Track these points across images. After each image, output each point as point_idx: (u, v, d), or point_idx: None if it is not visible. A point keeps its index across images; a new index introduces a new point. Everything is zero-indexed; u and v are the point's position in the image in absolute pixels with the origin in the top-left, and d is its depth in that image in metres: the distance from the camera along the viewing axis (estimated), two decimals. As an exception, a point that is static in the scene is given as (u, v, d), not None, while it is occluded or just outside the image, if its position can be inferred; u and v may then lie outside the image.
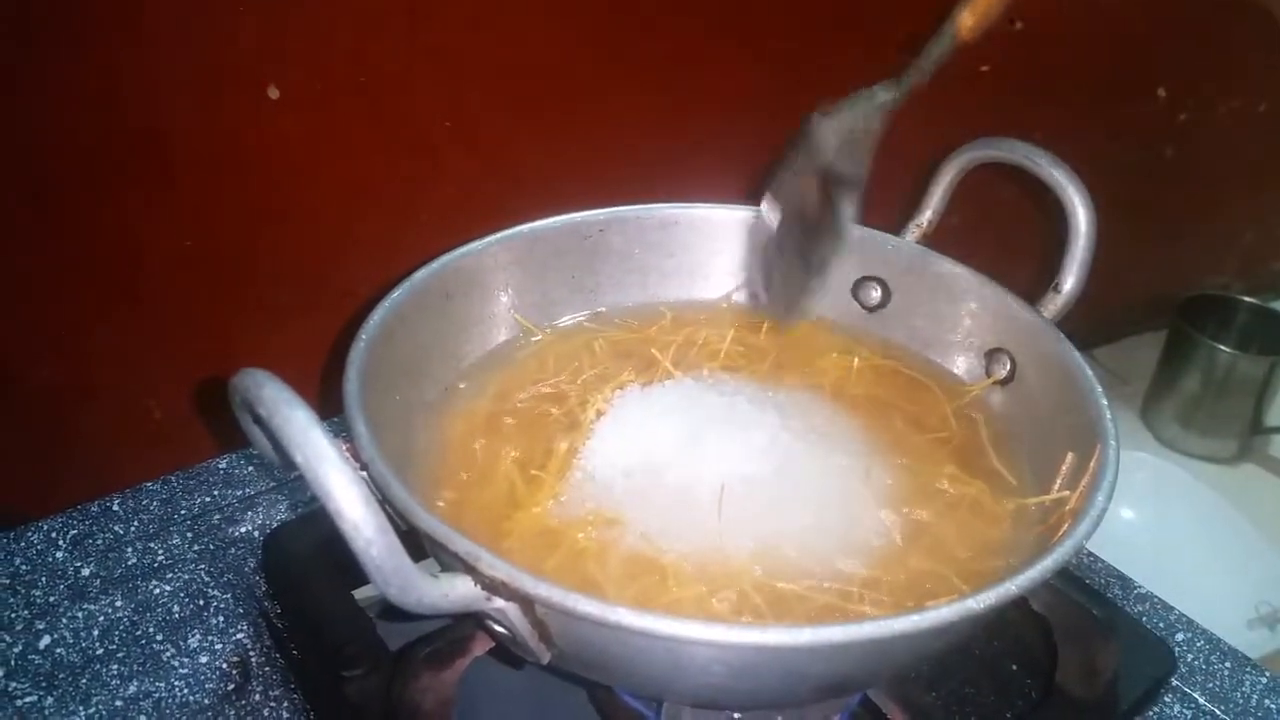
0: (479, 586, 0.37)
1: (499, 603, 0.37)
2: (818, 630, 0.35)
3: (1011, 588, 0.37)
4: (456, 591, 0.36)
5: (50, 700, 0.52)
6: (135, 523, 0.63)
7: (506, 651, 0.41)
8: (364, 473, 0.41)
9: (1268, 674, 0.57)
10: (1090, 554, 0.65)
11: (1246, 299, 1.15)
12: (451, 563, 0.38)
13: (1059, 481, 0.49)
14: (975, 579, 0.47)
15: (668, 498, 0.47)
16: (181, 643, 0.55)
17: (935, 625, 0.36)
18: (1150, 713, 0.55)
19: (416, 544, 0.39)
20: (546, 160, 0.76)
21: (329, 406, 0.44)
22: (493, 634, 0.40)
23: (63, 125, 0.59)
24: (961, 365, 0.59)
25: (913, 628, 0.36)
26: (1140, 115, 1.07)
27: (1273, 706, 0.55)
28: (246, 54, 0.62)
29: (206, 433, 0.71)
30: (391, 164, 0.71)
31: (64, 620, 0.56)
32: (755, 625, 0.35)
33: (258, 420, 0.34)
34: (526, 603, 0.37)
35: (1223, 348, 1.08)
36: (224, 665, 0.54)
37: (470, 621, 0.44)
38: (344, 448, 0.42)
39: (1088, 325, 1.19)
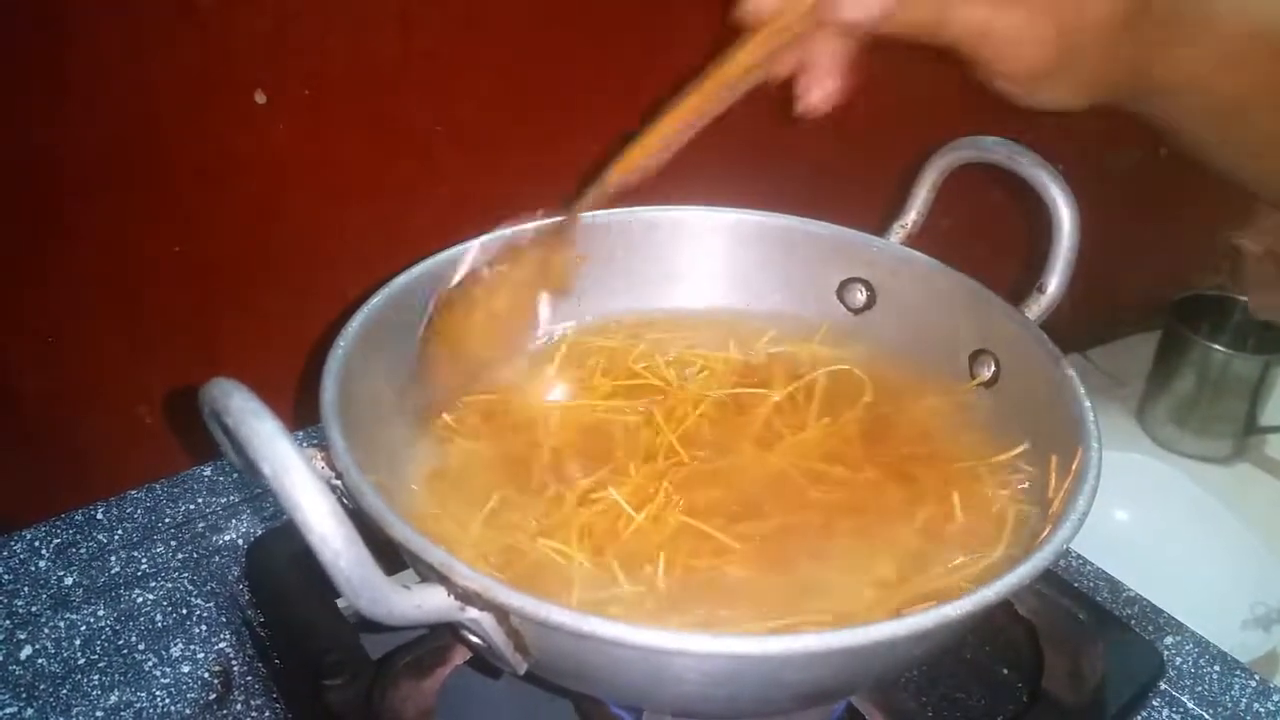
0: (452, 597, 0.36)
1: (473, 613, 0.37)
2: (791, 639, 0.34)
3: (989, 594, 0.37)
4: (429, 602, 0.36)
5: (30, 711, 0.51)
6: (119, 531, 0.63)
7: (484, 661, 0.41)
8: (338, 482, 0.41)
9: (1256, 678, 0.56)
10: (1079, 557, 0.64)
11: (1241, 298, 1.15)
12: (426, 573, 0.38)
13: (1051, 484, 0.49)
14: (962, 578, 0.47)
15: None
16: (164, 652, 0.55)
17: (912, 633, 0.36)
18: (1138, 717, 0.54)
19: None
20: (540, 163, 0.75)
21: (313, 412, 0.44)
22: (468, 644, 0.40)
23: (53, 133, 0.59)
24: (946, 367, 0.59)
25: (889, 635, 0.35)
26: (1134, 113, 1.07)
27: (1262, 710, 0.55)
28: (234, 58, 0.62)
29: (199, 438, 0.70)
30: (383, 167, 0.71)
31: (46, 630, 0.56)
32: (728, 635, 0.35)
33: (225, 430, 0.34)
34: (501, 613, 0.37)
35: (1217, 347, 1.07)
36: (206, 674, 0.54)
37: (447, 631, 0.43)
38: (319, 457, 0.42)
39: (1082, 326, 1.20)
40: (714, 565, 0.45)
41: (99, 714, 0.52)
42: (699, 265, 0.63)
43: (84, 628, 0.56)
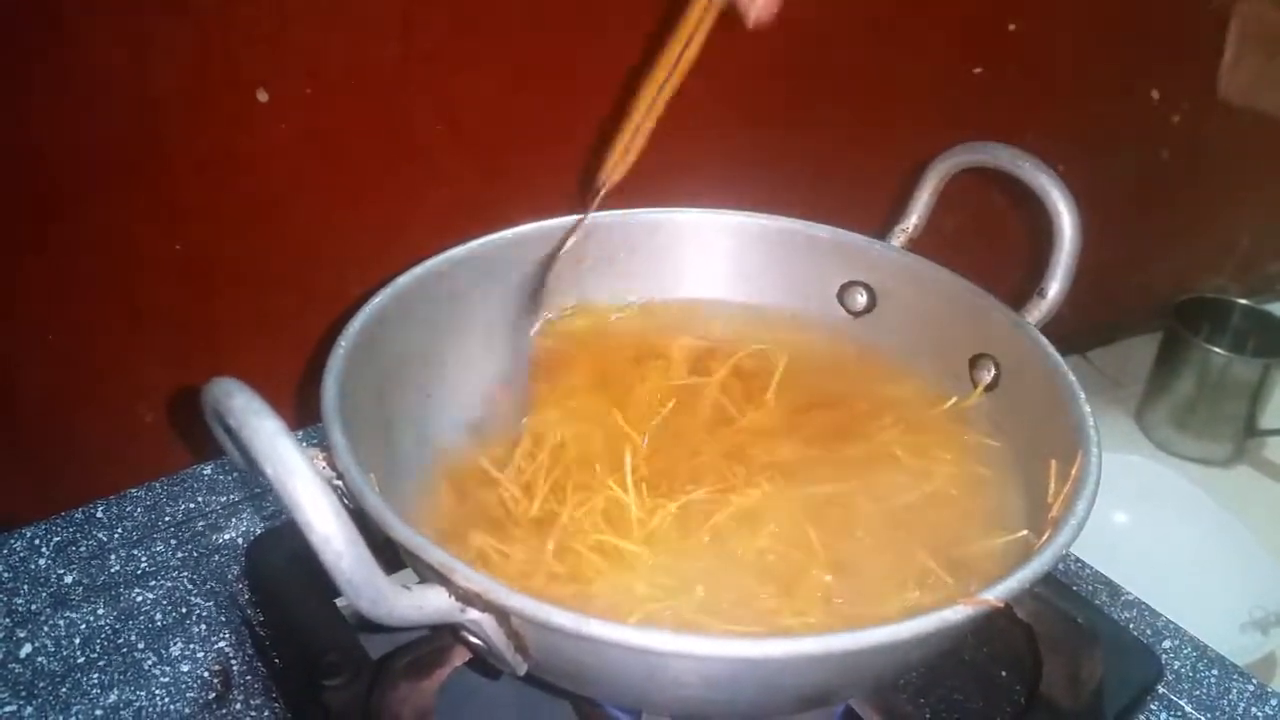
0: (453, 598, 0.36)
1: (474, 614, 0.37)
2: (790, 642, 0.34)
3: (988, 598, 0.37)
4: (430, 604, 0.36)
5: (30, 710, 0.51)
6: (119, 529, 0.63)
7: (484, 662, 0.41)
8: (339, 482, 0.41)
9: (1254, 681, 0.57)
10: (1078, 560, 0.65)
11: (1241, 301, 1.15)
12: (427, 574, 0.38)
13: (1050, 488, 0.49)
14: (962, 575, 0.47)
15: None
16: (163, 651, 0.55)
17: (911, 637, 0.36)
18: (1136, 720, 0.54)
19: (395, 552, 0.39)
20: (540, 162, 0.76)
21: (315, 410, 0.44)
22: (469, 645, 0.40)
23: (54, 131, 0.59)
24: (947, 371, 0.59)
25: (888, 639, 0.35)
26: (1134, 117, 1.07)
27: (1259, 714, 0.55)
28: (236, 57, 0.62)
29: (200, 436, 0.71)
30: (384, 167, 0.71)
31: (45, 628, 0.56)
32: (727, 637, 0.35)
33: (227, 430, 0.34)
34: (502, 614, 0.37)
35: (1217, 350, 1.07)
36: (205, 674, 0.54)
37: (447, 632, 0.43)
38: (320, 457, 0.42)
39: (1083, 327, 1.20)
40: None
41: (98, 713, 0.52)
42: (702, 265, 0.64)
43: (84, 626, 0.56)
